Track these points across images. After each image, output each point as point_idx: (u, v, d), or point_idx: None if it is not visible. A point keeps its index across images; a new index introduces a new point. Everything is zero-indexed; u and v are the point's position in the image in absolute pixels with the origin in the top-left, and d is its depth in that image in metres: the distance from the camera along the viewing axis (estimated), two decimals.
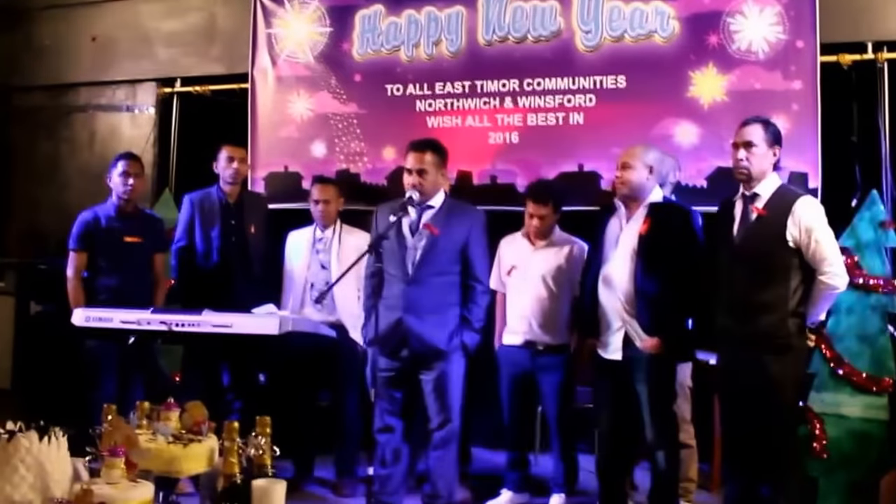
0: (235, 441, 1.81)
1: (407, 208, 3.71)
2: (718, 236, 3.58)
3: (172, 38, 5.71)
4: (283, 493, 1.83)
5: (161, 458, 1.93)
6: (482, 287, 3.80)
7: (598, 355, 3.73)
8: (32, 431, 1.85)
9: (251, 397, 4.52)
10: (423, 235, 3.72)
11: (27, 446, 1.83)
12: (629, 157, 3.68)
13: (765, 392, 3.35)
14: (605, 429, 3.76)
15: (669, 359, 3.61)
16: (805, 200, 3.40)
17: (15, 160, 6.09)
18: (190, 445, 1.97)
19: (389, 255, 3.66)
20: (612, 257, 3.65)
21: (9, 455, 1.82)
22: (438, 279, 3.72)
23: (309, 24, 5.28)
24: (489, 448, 4.82)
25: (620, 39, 4.65)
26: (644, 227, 3.60)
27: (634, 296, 3.57)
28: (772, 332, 3.34)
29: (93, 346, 4.25)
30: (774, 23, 4.38)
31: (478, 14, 4.91)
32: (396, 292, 3.68)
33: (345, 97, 5.19)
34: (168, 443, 1.96)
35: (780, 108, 4.29)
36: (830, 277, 3.33)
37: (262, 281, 4.61)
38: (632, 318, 3.59)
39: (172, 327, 3.50)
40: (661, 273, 3.54)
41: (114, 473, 1.81)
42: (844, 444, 3.95)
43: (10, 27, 6.11)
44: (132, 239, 4.44)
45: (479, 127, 4.92)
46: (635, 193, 3.66)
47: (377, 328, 3.57)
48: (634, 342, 3.58)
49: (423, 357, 3.68)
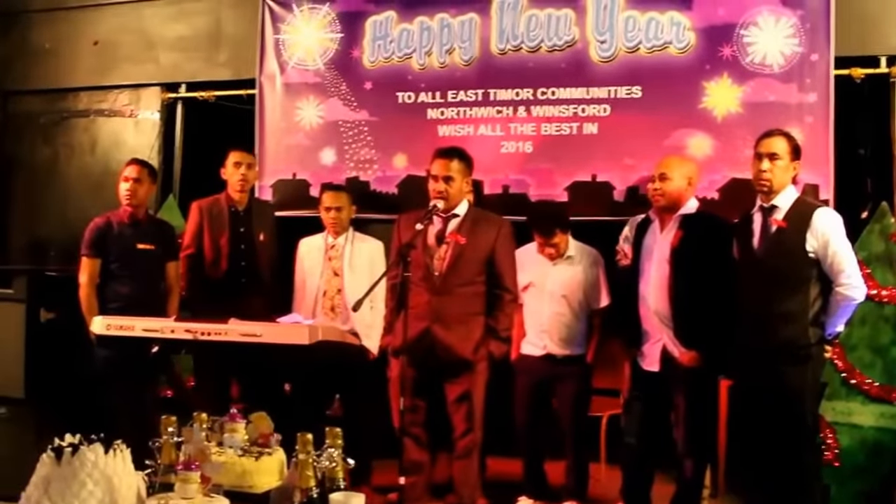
0: (311, 454, 1.78)
1: (432, 217, 3.69)
2: (738, 248, 3.62)
3: (177, 42, 5.64)
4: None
5: (234, 471, 1.89)
6: (511, 296, 3.79)
7: (637, 366, 3.74)
8: (98, 444, 1.80)
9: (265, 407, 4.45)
10: (448, 244, 3.71)
11: (93, 460, 1.79)
12: (667, 167, 3.69)
13: (785, 401, 3.39)
14: (636, 438, 3.75)
15: (710, 373, 3.61)
16: (824, 212, 3.45)
17: (13, 165, 5.97)
18: (262, 458, 1.93)
19: (415, 265, 3.64)
20: (648, 269, 3.67)
21: (75, 470, 1.77)
22: (464, 288, 3.72)
23: (318, 30, 5.25)
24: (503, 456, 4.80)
25: (635, 50, 4.67)
26: (675, 238, 3.61)
27: (670, 308, 3.58)
28: (792, 342, 3.39)
29: (105, 355, 4.17)
30: (789, 35, 4.43)
31: (491, 22, 4.91)
32: (423, 302, 3.66)
33: (355, 104, 5.16)
34: (239, 456, 1.92)
35: (794, 121, 4.34)
36: (848, 289, 3.38)
37: (272, 289, 4.56)
38: (669, 330, 3.60)
39: (198, 336, 3.43)
40: (695, 285, 3.54)
41: (189, 488, 1.77)
42: (857, 453, 4.00)
43: (5, 29, 6.00)
44: (145, 246, 4.38)
45: (492, 136, 4.90)
46: (673, 204, 3.67)
47: (405, 337, 3.55)
48: (672, 354, 3.59)
49: (449, 367, 3.66)
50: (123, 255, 4.33)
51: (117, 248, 4.33)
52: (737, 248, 3.62)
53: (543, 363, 4.15)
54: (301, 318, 4.00)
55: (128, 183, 4.36)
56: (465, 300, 3.70)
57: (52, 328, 4.37)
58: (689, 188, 3.68)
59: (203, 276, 4.52)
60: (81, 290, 4.28)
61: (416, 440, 3.74)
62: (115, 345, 3.84)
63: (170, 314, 4.38)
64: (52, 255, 5.69)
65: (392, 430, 3.87)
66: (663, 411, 3.63)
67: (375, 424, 4.30)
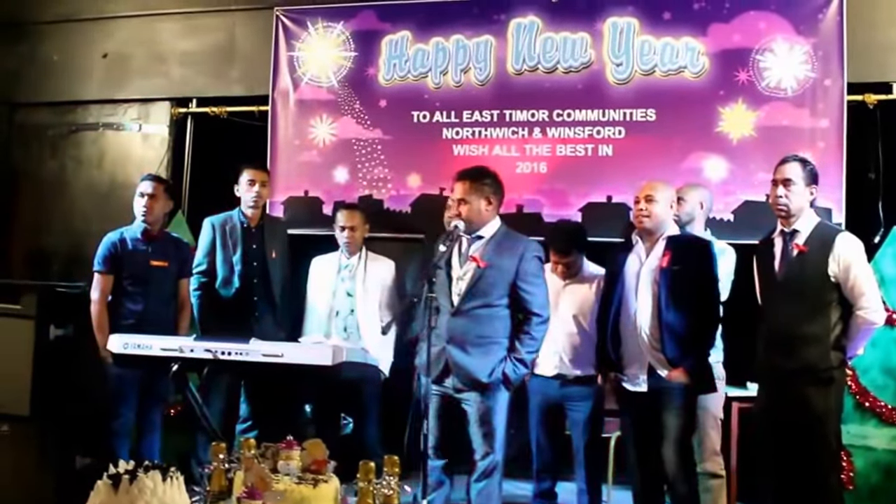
0: (371, 482, 1.76)
1: (456, 238, 3.67)
2: (760, 272, 3.65)
3: (188, 57, 5.62)
4: None
5: (293, 499, 1.87)
6: (539, 319, 3.67)
7: (623, 388, 3.76)
8: (155, 472, 1.78)
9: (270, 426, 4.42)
10: (469, 266, 3.69)
11: (151, 487, 1.77)
12: (653, 190, 3.73)
13: (809, 423, 3.41)
14: (636, 460, 3.79)
15: (693, 390, 3.65)
16: (845, 237, 3.49)
17: (20, 178, 5.91)
18: (319, 485, 1.91)
19: (438, 286, 3.62)
20: (634, 292, 3.70)
21: (133, 498, 1.75)
22: (484, 311, 3.64)
23: (333, 48, 5.26)
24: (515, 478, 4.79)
25: (651, 73, 4.72)
26: (665, 259, 3.65)
27: (659, 328, 3.62)
28: (815, 365, 3.40)
29: (115, 373, 4.13)
30: (803, 61, 4.50)
31: (507, 44, 4.94)
32: (442, 322, 3.64)
33: (369, 123, 5.17)
34: (296, 483, 1.90)
35: (807, 145, 4.41)
36: (868, 313, 3.41)
37: (283, 307, 4.54)
38: (657, 351, 3.63)
39: (218, 355, 3.40)
40: (684, 305, 3.60)
41: None
42: (871, 475, 4.03)
43: (14, 41, 5.95)
44: (158, 263, 4.34)
45: (507, 156, 4.93)
46: (658, 227, 3.71)
47: (428, 357, 3.52)
48: (659, 373, 3.63)
49: (467, 388, 3.65)
50: (137, 272, 4.28)
51: (131, 265, 4.28)
52: (757, 271, 3.68)
53: (554, 384, 4.14)
54: (323, 338, 3.98)
55: (143, 199, 4.33)
56: (484, 322, 3.64)
57: (61, 345, 4.30)
58: (670, 211, 3.75)
59: (214, 294, 4.48)
60: (94, 306, 4.24)
61: (435, 462, 3.71)
62: (128, 363, 3.79)
63: (180, 331, 4.36)
64: (55, 268, 5.63)
65: (403, 450, 3.84)
66: (656, 430, 3.66)
67: (388, 444, 4.29)
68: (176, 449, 4.43)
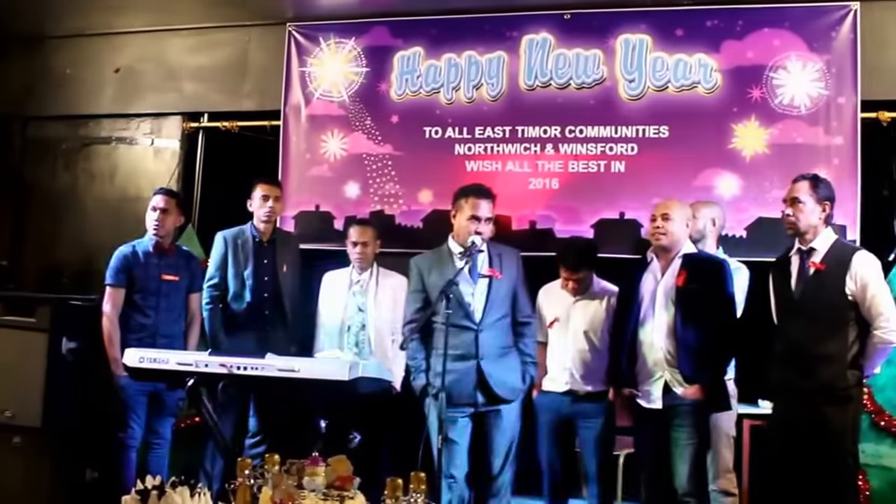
0: (399, 499, 1.75)
1: (476, 254, 3.72)
2: (776, 290, 3.64)
3: (200, 72, 5.64)
4: None
5: None
6: (533, 321, 3.92)
7: (638, 405, 3.76)
8: (183, 488, 1.77)
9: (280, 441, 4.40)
10: (484, 281, 3.73)
11: (179, 503, 1.75)
12: (668, 208, 3.75)
13: (826, 443, 3.39)
14: (649, 478, 3.78)
15: (709, 407, 3.67)
16: (862, 255, 3.47)
17: (32, 191, 5.92)
18: (346, 502, 1.90)
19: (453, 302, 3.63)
20: (651, 310, 3.72)
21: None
22: (501, 322, 3.80)
23: (344, 63, 5.28)
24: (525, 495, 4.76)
25: (664, 89, 4.73)
26: (681, 278, 3.67)
27: (676, 346, 3.64)
28: (832, 384, 3.39)
29: (125, 386, 4.12)
30: (816, 79, 4.50)
31: (520, 60, 4.95)
32: (466, 339, 3.68)
33: (380, 138, 5.17)
34: (322, 500, 1.89)
35: (821, 163, 4.40)
36: (886, 332, 3.39)
37: (293, 321, 4.53)
38: (673, 369, 3.65)
39: (233, 370, 3.38)
40: (700, 324, 3.62)
41: None
42: (888, 495, 3.99)
43: (27, 55, 5.97)
44: (170, 277, 4.35)
45: (520, 172, 4.93)
46: (674, 244, 3.73)
47: (444, 377, 3.51)
48: (675, 390, 3.63)
49: (500, 401, 3.70)
50: (148, 285, 4.29)
51: (142, 279, 4.29)
52: (773, 289, 3.66)
53: (565, 400, 4.13)
54: (340, 353, 3.97)
55: (155, 213, 4.34)
56: (503, 333, 3.79)
57: (72, 358, 4.30)
58: (686, 229, 3.78)
59: (226, 307, 4.48)
60: (105, 319, 4.24)
61: (451, 479, 3.69)
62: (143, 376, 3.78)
63: (189, 346, 4.36)
64: (67, 281, 5.62)
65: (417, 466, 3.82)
66: (670, 448, 3.65)
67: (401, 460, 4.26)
68: (182, 462, 4.41)
